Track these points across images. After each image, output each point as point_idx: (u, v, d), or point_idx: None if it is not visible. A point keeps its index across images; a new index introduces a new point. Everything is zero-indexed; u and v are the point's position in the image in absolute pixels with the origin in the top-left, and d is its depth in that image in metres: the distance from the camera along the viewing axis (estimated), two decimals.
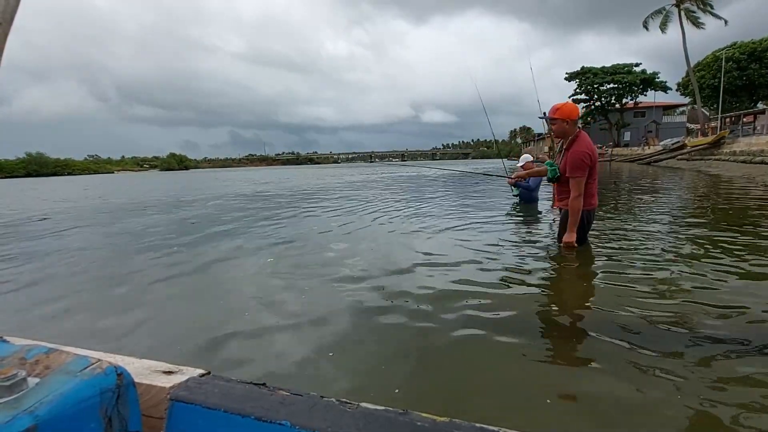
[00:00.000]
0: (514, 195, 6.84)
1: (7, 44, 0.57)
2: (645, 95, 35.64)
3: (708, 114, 25.87)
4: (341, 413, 0.48)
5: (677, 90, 33.79)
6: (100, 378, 0.48)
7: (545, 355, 1.73)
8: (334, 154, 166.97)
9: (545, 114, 3.23)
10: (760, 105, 29.00)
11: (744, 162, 14.41)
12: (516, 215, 5.53)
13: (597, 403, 1.37)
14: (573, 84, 36.86)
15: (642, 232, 3.99)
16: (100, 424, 0.47)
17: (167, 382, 0.55)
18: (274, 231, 4.98)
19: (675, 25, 25.86)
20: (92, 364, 0.49)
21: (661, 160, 22.22)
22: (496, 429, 0.43)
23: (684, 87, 32.15)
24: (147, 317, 2.32)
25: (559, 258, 3.13)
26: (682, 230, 4.11)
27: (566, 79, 37.20)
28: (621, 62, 35.02)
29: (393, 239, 4.21)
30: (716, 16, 24.71)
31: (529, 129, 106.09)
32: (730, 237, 3.64)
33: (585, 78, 35.62)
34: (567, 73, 37.10)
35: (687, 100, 34.69)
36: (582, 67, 36.03)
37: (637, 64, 34.59)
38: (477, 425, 0.45)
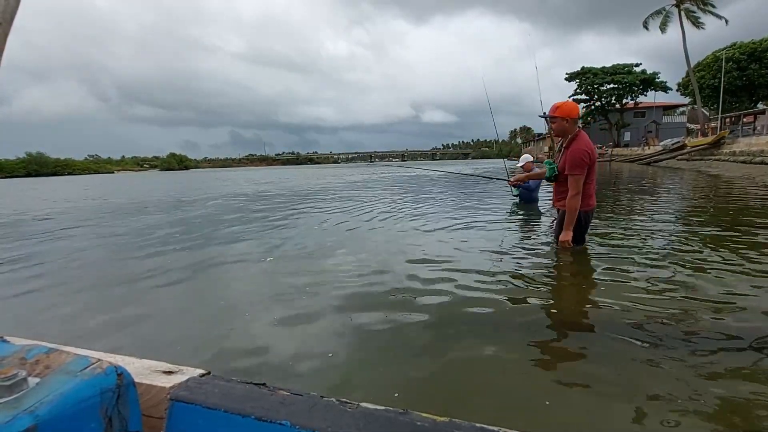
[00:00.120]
0: (514, 195, 6.85)
1: (7, 44, 0.57)
2: (645, 95, 35.70)
3: (708, 114, 25.86)
4: (341, 413, 0.48)
5: (677, 90, 33.82)
6: (101, 378, 0.48)
7: (545, 356, 1.73)
8: (334, 154, 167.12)
9: (545, 113, 3.24)
10: (760, 105, 28.99)
11: (744, 162, 14.41)
12: (516, 215, 5.53)
13: (596, 404, 1.37)
14: (573, 84, 36.96)
15: (642, 232, 3.98)
16: (101, 424, 0.47)
17: (167, 382, 0.55)
18: (275, 231, 4.98)
19: (675, 25, 25.93)
20: (92, 364, 0.49)
21: (661, 161, 22.22)
22: (496, 429, 0.43)
23: (684, 87, 32.15)
24: (147, 317, 2.32)
25: (558, 258, 3.13)
26: (682, 229, 4.11)
27: (566, 80, 37.23)
28: (621, 62, 35.08)
29: (393, 239, 4.21)
30: (717, 16, 24.73)
31: (529, 129, 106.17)
32: (730, 236, 3.64)
33: (585, 78, 35.65)
34: (567, 74, 37.14)
35: (687, 101, 34.69)
36: (582, 68, 36.07)
37: (638, 65, 34.65)
38: (477, 425, 0.45)
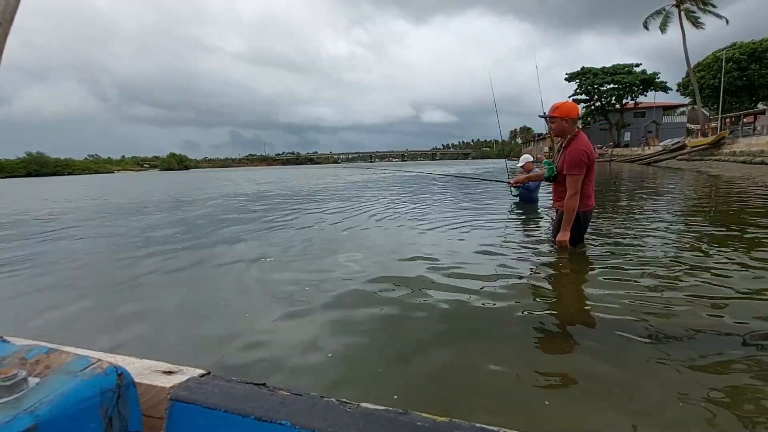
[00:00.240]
0: (514, 195, 6.86)
1: (7, 44, 0.57)
2: (645, 95, 35.69)
3: (708, 114, 25.84)
4: (341, 413, 0.48)
5: (677, 90, 33.82)
6: (101, 378, 0.48)
7: (544, 356, 1.73)
8: (335, 154, 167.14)
9: (545, 113, 3.24)
10: (760, 105, 28.99)
11: (744, 162, 14.41)
12: (516, 216, 5.53)
13: (596, 404, 1.37)
14: (573, 84, 36.94)
15: (641, 232, 3.98)
16: (101, 424, 0.47)
17: (167, 382, 0.55)
18: (275, 231, 4.98)
19: (675, 26, 25.95)
20: (92, 364, 0.49)
21: (661, 161, 22.22)
22: (496, 429, 0.43)
23: (684, 87, 32.16)
24: (147, 317, 2.32)
25: (558, 258, 3.13)
26: (683, 229, 4.11)
27: (566, 80, 37.22)
28: (621, 62, 35.07)
29: (393, 240, 4.21)
30: (717, 16, 24.74)
31: (529, 129, 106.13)
32: (730, 235, 3.63)
33: (585, 78, 35.64)
34: (567, 74, 37.12)
35: (687, 101, 34.69)
36: (582, 68, 36.06)
37: (638, 65, 34.64)
38: (477, 425, 0.45)
